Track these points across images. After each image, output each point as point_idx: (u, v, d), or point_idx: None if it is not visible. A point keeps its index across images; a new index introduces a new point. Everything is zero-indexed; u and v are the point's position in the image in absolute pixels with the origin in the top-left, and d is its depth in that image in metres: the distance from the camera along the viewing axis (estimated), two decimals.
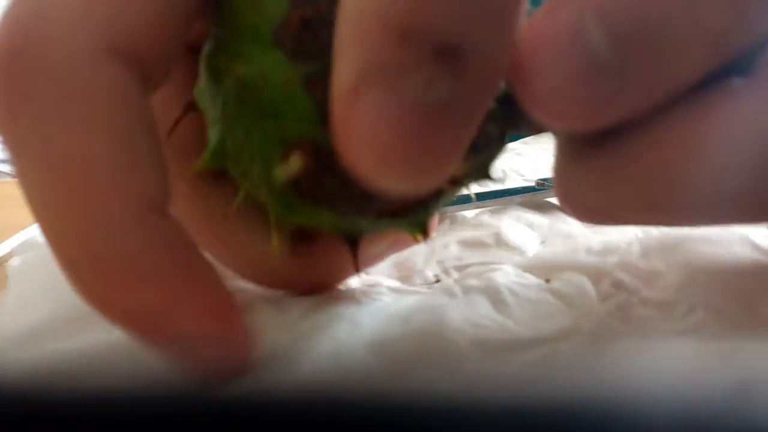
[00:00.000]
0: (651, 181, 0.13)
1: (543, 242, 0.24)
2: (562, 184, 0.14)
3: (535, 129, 0.14)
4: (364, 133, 0.11)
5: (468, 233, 0.24)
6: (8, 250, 0.26)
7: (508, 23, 0.11)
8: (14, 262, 0.23)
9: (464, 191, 0.17)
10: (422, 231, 0.16)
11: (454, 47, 0.11)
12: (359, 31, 0.11)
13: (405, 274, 0.21)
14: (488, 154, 0.15)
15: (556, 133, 0.14)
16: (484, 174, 0.15)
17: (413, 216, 0.15)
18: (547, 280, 0.20)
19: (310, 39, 0.13)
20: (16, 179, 0.14)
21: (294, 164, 0.13)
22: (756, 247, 0.20)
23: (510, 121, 0.14)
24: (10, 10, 0.13)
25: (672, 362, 0.14)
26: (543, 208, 0.28)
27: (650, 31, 0.11)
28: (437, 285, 0.20)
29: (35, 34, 0.13)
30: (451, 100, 0.11)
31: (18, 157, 0.13)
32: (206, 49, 0.15)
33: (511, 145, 0.38)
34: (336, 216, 0.14)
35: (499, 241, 0.23)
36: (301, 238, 0.17)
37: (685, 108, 0.12)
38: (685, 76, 0.12)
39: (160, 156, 0.14)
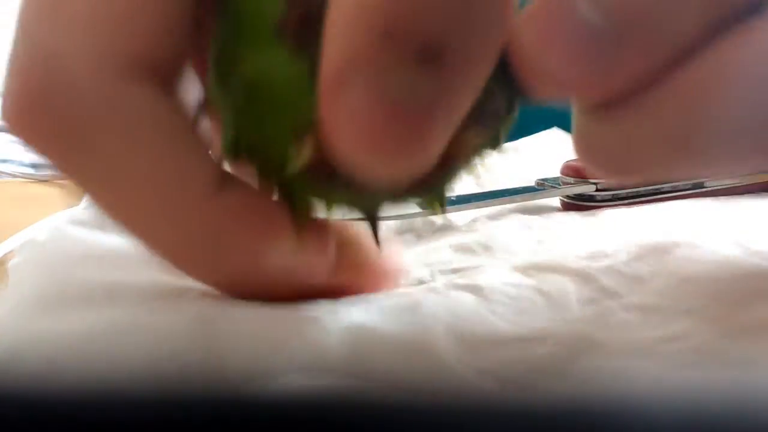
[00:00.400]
0: (673, 126, 0.13)
1: (540, 242, 0.24)
2: (583, 141, 0.14)
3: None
4: (347, 124, 0.11)
5: (460, 238, 0.24)
6: (8, 249, 0.26)
7: (493, 26, 0.11)
8: (15, 261, 0.23)
9: (466, 194, 0.17)
10: (440, 203, 0.16)
11: (436, 49, 0.11)
12: (345, 26, 0.11)
13: None
14: (497, 126, 0.15)
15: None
16: (495, 144, 0.16)
17: (429, 189, 0.15)
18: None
19: (311, 34, 0.13)
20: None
21: (307, 151, 0.14)
22: (746, 249, 0.20)
23: (518, 90, 0.14)
24: (20, 53, 0.14)
25: (650, 368, 0.14)
26: (541, 209, 0.28)
27: None
28: (422, 285, 0.20)
29: (56, 71, 0.14)
30: (432, 100, 0.11)
31: (89, 191, 0.15)
32: (212, 49, 0.15)
33: (510, 145, 0.38)
34: (352, 194, 0.15)
35: (492, 246, 0.23)
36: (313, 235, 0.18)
37: (701, 53, 0.12)
38: (687, 32, 0.12)
39: (206, 149, 0.15)
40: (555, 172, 0.29)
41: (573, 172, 0.27)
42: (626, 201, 0.27)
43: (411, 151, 0.12)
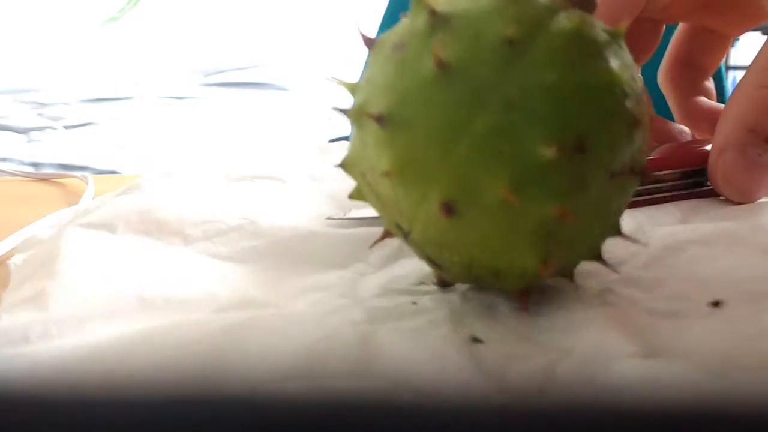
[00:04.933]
0: None
1: None
2: (729, 179, 0.26)
3: None
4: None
5: None
6: (8, 248, 0.26)
7: None
8: (16, 259, 0.23)
9: None
10: None
11: None
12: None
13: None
14: None
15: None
16: None
17: None
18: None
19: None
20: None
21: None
22: (761, 248, 0.20)
23: None
24: None
25: (676, 371, 0.14)
26: None
27: None
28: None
29: None
30: None
31: None
32: None
33: None
34: None
35: None
36: None
37: None
38: None
39: None
40: None
41: None
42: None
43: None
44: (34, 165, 1.30)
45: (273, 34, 2.05)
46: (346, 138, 0.69)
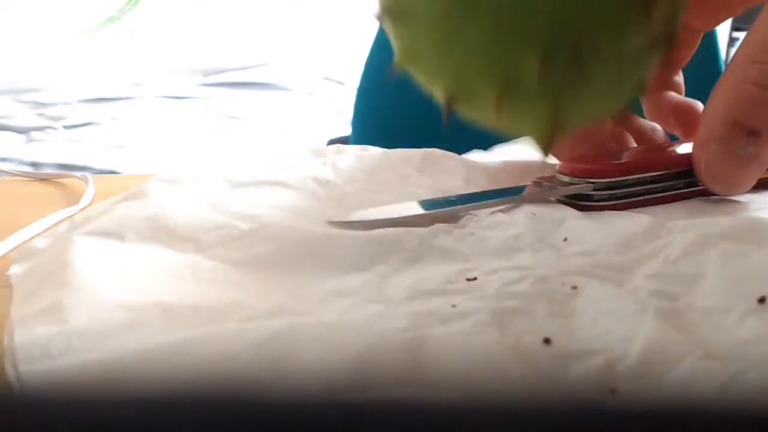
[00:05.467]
0: None
1: (565, 239, 0.24)
2: (714, 172, 0.26)
3: None
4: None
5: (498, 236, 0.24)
6: (8, 248, 0.26)
7: None
8: (15, 269, 0.22)
9: (463, 195, 0.19)
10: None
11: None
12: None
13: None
14: None
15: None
16: None
17: None
18: None
19: None
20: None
21: None
22: None
23: None
24: None
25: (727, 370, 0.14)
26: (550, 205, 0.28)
27: None
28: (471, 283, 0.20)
29: None
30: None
31: None
32: None
33: (507, 144, 0.38)
34: None
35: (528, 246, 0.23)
36: None
37: None
38: None
39: None
40: (552, 171, 0.29)
41: (570, 171, 0.27)
42: (623, 201, 0.27)
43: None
44: (34, 165, 1.30)
45: (273, 34, 2.05)
46: (345, 138, 0.69)
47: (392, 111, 0.66)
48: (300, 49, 2.02)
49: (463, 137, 0.32)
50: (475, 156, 0.34)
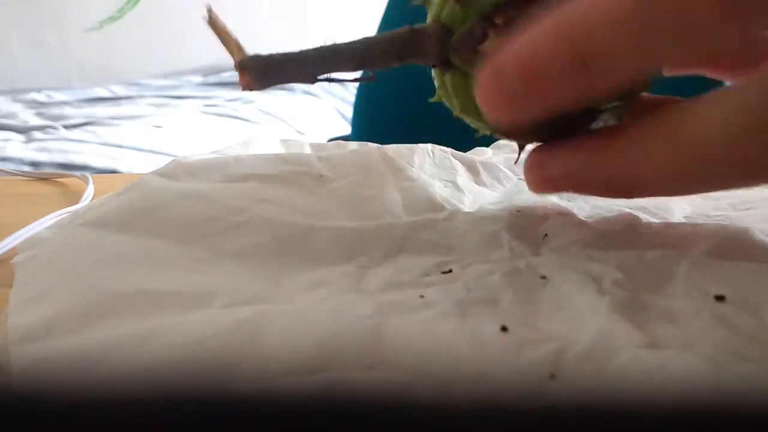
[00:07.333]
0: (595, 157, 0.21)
1: (545, 236, 0.24)
2: (535, 164, 0.23)
3: None
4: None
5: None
6: (8, 248, 0.26)
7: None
8: (20, 258, 0.22)
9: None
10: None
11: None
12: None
13: None
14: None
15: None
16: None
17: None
18: None
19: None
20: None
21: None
22: None
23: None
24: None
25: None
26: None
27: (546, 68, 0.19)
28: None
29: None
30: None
31: None
32: None
33: (505, 142, 0.38)
34: None
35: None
36: None
37: None
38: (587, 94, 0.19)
39: None
40: None
41: None
42: None
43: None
44: (34, 165, 1.30)
45: (273, 33, 2.05)
46: (345, 138, 0.69)
47: (392, 111, 0.67)
48: (299, 49, 2.01)
49: (465, 137, 0.32)
50: (476, 155, 0.34)
